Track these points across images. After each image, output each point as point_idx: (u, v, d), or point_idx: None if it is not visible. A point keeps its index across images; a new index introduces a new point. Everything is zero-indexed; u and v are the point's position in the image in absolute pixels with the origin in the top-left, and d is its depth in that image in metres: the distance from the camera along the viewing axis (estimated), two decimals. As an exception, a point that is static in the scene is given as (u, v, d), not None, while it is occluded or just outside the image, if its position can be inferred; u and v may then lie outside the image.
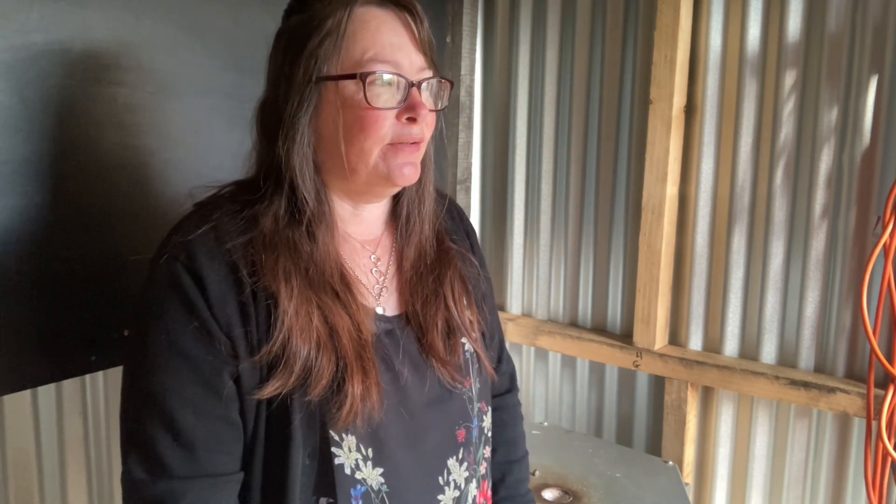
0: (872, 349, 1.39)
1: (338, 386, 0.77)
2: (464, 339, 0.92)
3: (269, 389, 0.75)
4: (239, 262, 0.77)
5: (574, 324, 1.93)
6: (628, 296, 1.83)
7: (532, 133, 1.94)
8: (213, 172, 0.88)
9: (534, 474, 1.51)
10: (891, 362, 1.40)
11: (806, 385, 1.51)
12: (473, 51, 1.94)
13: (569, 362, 1.96)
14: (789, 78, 1.54)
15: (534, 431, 1.76)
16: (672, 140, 1.64)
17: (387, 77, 0.79)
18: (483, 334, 0.98)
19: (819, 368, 1.58)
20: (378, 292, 0.89)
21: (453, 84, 0.86)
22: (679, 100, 1.64)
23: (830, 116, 1.50)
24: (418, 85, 0.82)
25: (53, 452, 1.27)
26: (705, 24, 1.63)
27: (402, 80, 0.80)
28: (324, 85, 0.80)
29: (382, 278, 0.90)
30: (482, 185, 2.06)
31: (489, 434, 0.97)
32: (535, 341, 1.91)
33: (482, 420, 0.94)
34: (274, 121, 0.82)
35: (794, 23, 1.53)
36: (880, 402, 1.40)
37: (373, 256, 0.90)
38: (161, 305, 0.77)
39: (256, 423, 0.78)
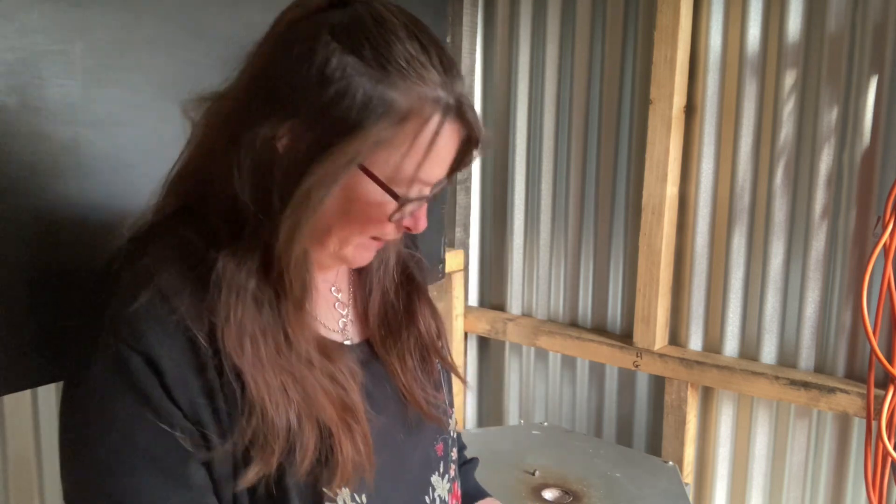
0: (872, 349, 1.39)
1: (325, 456, 0.70)
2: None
3: (251, 476, 0.66)
4: (197, 331, 0.66)
5: (574, 324, 1.93)
6: (628, 296, 1.83)
7: (532, 133, 1.94)
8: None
9: (534, 474, 1.51)
10: (891, 362, 1.40)
11: (806, 385, 1.51)
12: (473, 51, 1.95)
13: (569, 362, 1.96)
14: (789, 78, 1.54)
15: (534, 431, 1.76)
16: (672, 140, 1.64)
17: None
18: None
19: (819, 368, 1.58)
20: (342, 326, 0.83)
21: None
22: (679, 100, 1.64)
23: (830, 116, 1.50)
24: (428, 198, 0.74)
25: (53, 452, 1.27)
26: (705, 24, 1.63)
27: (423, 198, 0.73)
28: (358, 170, 0.67)
29: (346, 310, 0.85)
30: (482, 185, 2.06)
31: (455, 435, 0.95)
32: (535, 341, 1.91)
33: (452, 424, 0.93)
34: (284, 172, 0.67)
35: (794, 23, 1.53)
36: (880, 402, 1.40)
37: (333, 289, 0.84)
38: (107, 396, 0.65)
39: (237, 500, 0.69)
